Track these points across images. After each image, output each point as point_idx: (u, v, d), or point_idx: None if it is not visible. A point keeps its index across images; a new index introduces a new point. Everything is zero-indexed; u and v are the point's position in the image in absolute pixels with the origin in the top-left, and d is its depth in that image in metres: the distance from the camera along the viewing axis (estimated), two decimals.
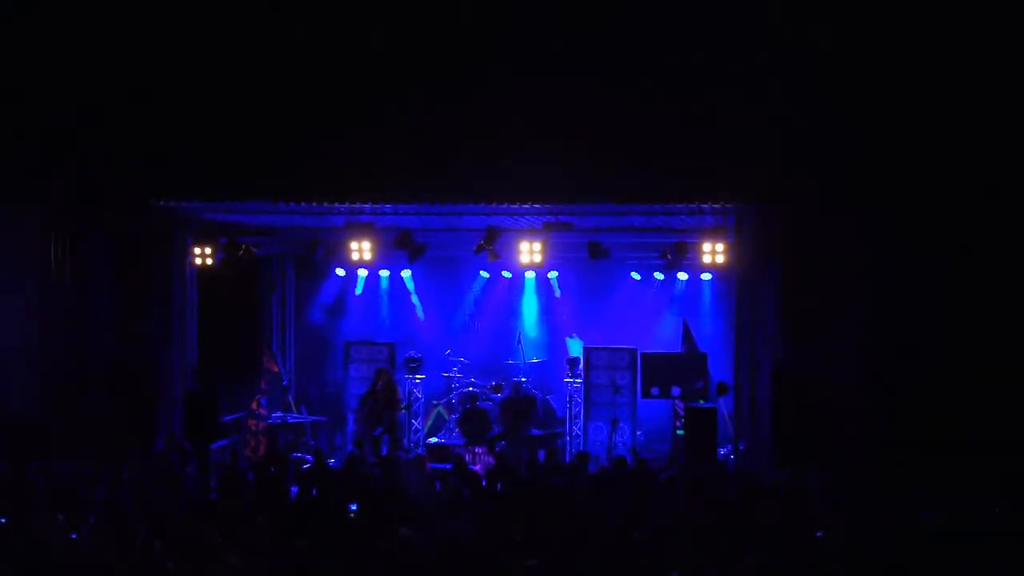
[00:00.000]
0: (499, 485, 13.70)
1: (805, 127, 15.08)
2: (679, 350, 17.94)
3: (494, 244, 16.61)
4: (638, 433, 17.77)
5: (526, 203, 15.55)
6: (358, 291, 19.95)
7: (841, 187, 15.17)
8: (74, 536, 10.71)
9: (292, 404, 18.56)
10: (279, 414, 18.08)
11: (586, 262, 17.60)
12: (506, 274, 19.32)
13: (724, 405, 17.03)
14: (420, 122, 15.71)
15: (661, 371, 17.11)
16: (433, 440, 18.39)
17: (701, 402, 16.63)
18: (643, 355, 17.47)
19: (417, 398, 18.58)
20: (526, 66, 15.50)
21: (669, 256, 16.81)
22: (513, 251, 16.81)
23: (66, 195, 16.74)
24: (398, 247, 17.31)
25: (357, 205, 16.05)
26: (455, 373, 18.99)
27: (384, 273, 19.63)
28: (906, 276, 15.17)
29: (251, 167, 15.82)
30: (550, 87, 15.44)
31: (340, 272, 19.48)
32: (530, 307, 19.77)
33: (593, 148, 15.09)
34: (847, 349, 15.42)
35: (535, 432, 17.72)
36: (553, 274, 19.18)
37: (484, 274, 19.65)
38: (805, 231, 15.32)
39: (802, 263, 15.39)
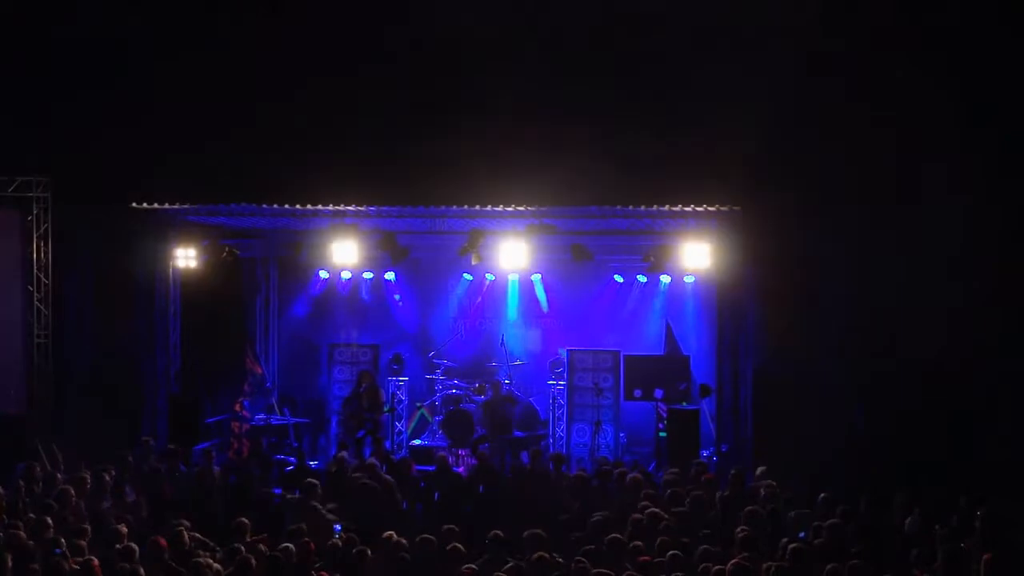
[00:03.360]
0: (481, 487, 13.75)
1: (787, 131, 15.18)
2: (662, 352, 17.91)
3: (478, 247, 16.57)
4: (621, 435, 17.74)
5: (510, 206, 15.59)
6: (342, 293, 19.82)
7: (823, 190, 15.27)
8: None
9: (275, 406, 18.40)
10: (262, 416, 17.94)
11: (569, 265, 17.60)
12: (490, 276, 19.23)
13: (708, 407, 17.02)
14: (404, 125, 15.75)
15: (644, 373, 17.10)
16: (416, 442, 18.26)
17: (684, 404, 16.63)
18: (626, 357, 17.46)
19: (400, 400, 18.47)
20: (510, 68, 15.55)
21: (652, 259, 16.80)
22: (497, 254, 16.81)
23: (48, 197, 16.73)
24: (382, 249, 17.28)
25: (341, 207, 16.05)
26: (438, 375, 18.82)
27: (368, 275, 19.47)
28: (889, 278, 15.30)
29: (234, 169, 15.81)
30: (534, 90, 15.55)
31: (324, 274, 19.33)
32: (514, 309, 19.67)
33: (578, 151, 15.10)
34: (829, 352, 15.53)
35: (518, 434, 17.61)
36: (536, 276, 19.12)
37: (468, 276, 19.54)
38: (787, 234, 15.37)
39: (784, 266, 15.45)
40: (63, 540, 10.55)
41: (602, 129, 15.41)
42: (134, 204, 16.27)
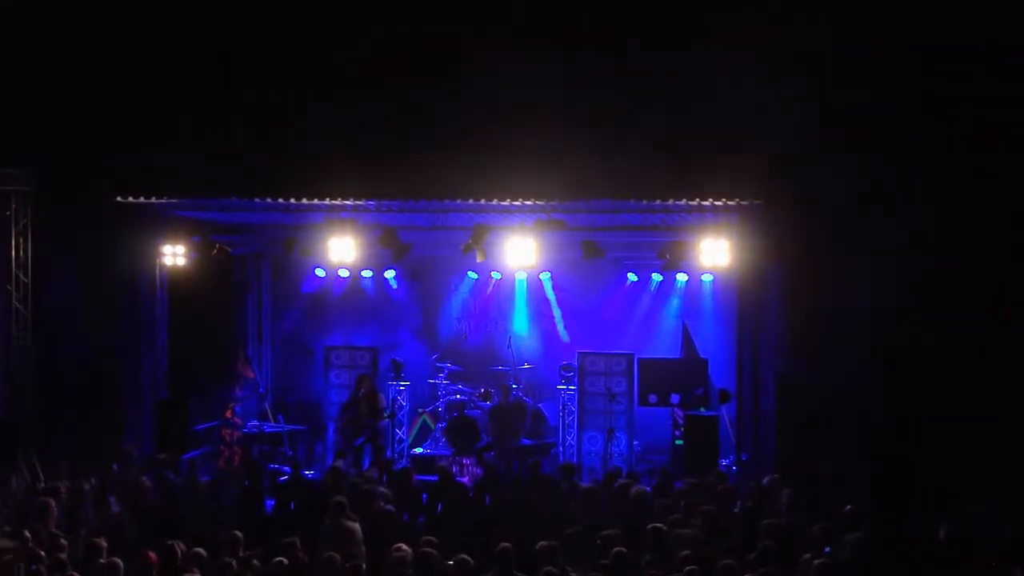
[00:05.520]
0: (487, 498, 13.56)
1: (811, 121, 15.02)
2: (678, 355, 17.76)
3: (483, 243, 16.32)
4: (635, 443, 17.57)
5: (517, 200, 15.36)
6: (338, 293, 19.63)
7: (850, 183, 15.14)
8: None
9: (269, 412, 18.17)
10: (255, 423, 17.75)
11: (580, 262, 17.35)
12: (496, 275, 19.08)
13: (727, 413, 16.82)
14: (405, 114, 15.73)
15: (659, 378, 16.93)
16: (418, 450, 18.07)
17: (702, 410, 16.57)
18: (640, 361, 17.28)
19: (401, 406, 18.20)
20: (519, 59, 15.47)
21: (668, 256, 16.56)
22: (503, 250, 16.55)
23: (29, 191, 16.70)
24: (382, 246, 17.00)
25: (338, 202, 15.80)
26: (441, 380, 18.57)
27: (367, 273, 19.36)
28: (916, 279, 15.10)
29: (225, 162, 15.66)
30: (543, 78, 15.53)
31: (320, 272, 19.20)
32: (521, 310, 19.46)
33: (589, 142, 15.05)
34: (855, 355, 15.46)
35: (526, 442, 17.48)
36: (546, 275, 18.97)
37: (472, 275, 19.38)
38: (812, 230, 15.22)
39: (808, 264, 15.32)
40: (42, 554, 10.31)
41: (615, 119, 15.40)
42: (119, 198, 16.03)
